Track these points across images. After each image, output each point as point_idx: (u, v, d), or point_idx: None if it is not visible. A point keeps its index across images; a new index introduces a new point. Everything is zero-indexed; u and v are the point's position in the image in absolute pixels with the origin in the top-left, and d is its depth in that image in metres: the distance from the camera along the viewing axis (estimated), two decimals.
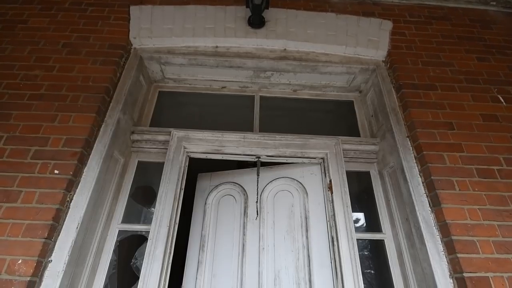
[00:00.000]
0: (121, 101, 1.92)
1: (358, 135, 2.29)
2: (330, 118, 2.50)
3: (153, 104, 2.36)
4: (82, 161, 1.63)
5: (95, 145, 1.71)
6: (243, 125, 2.24)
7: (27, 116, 1.72)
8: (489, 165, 1.70)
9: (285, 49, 2.26)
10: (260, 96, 2.45)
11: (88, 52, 2.02)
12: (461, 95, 1.97)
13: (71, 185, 1.54)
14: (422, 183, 1.69)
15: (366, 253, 2.06)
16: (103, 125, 1.79)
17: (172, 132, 2.02)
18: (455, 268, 1.43)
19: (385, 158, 2.01)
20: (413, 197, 1.65)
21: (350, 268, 1.64)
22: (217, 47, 2.25)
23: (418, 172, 1.73)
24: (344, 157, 2.03)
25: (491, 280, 1.36)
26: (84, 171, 1.62)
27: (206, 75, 2.38)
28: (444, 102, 1.93)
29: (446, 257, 1.48)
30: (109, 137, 1.75)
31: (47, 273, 1.35)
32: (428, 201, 1.64)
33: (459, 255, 1.42)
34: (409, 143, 1.84)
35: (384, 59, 2.25)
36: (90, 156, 1.67)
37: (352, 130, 2.35)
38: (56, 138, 1.64)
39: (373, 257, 2.08)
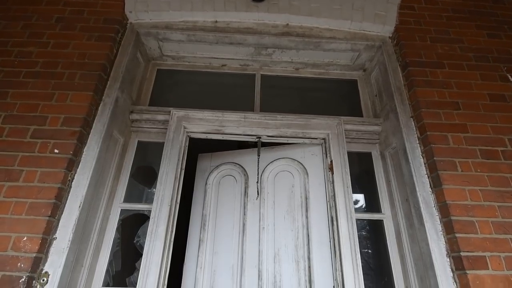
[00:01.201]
0: (118, 79, 1.88)
1: (361, 115, 2.26)
2: (332, 97, 2.45)
3: (152, 82, 2.32)
4: (82, 140, 1.63)
5: (94, 124, 1.71)
6: (243, 105, 2.21)
7: (23, 94, 1.71)
8: (493, 146, 1.68)
9: (287, 24, 2.18)
10: (261, 74, 2.39)
11: (82, 27, 1.96)
12: (469, 73, 1.92)
13: (72, 165, 1.55)
14: (424, 164, 1.69)
15: (364, 233, 2.11)
16: (101, 104, 1.78)
17: (171, 112, 2.00)
18: (453, 248, 1.46)
19: (388, 139, 2.00)
20: (414, 178, 1.66)
21: (349, 247, 1.67)
22: (216, 22, 2.16)
23: (421, 153, 1.72)
24: (346, 137, 2.02)
25: (487, 259, 1.39)
26: (84, 150, 1.63)
27: (205, 52, 2.31)
28: (451, 81, 1.88)
29: (444, 237, 1.51)
30: (108, 116, 1.74)
31: (52, 250, 1.40)
32: (429, 182, 1.64)
33: (457, 234, 1.44)
34: (413, 124, 1.81)
35: (391, 35, 2.17)
36: (90, 136, 1.67)
37: (354, 110, 2.32)
38: (54, 117, 1.63)
39: (372, 237, 2.12)
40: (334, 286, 1.70)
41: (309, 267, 1.80)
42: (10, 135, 1.58)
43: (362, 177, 2.21)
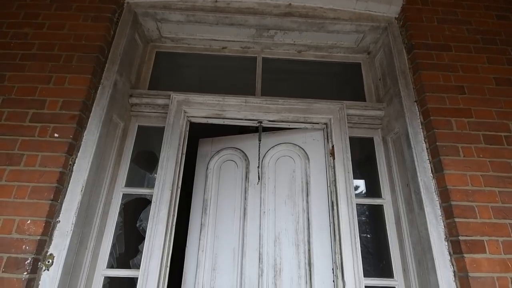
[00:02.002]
0: (116, 61, 1.86)
1: (364, 100, 2.24)
2: (335, 81, 2.42)
3: (151, 65, 2.28)
4: (81, 124, 1.63)
5: (93, 108, 1.70)
6: (244, 89, 2.18)
7: (21, 77, 1.69)
8: (497, 131, 1.67)
9: (290, 4, 2.11)
10: (262, 57, 2.35)
11: (78, 7, 1.91)
12: (476, 56, 1.88)
13: (72, 149, 1.56)
14: (426, 149, 1.69)
15: (363, 218, 2.14)
16: (99, 88, 1.76)
17: (171, 96, 1.99)
18: (451, 232, 1.48)
19: (390, 124, 1.99)
20: (416, 163, 1.66)
21: (348, 231, 1.70)
22: (216, 1, 2.10)
23: (423, 138, 1.71)
24: (348, 122, 2.01)
25: (485, 243, 1.42)
26: (84, 134, 1.63)
27: (205, 33, 2.26)
28: (457, 64, 1.84)
29: (443, 221, 1.53)
30: (107, 100, 1.73)
31: (56, 232, 1.43)
32: (431, 167, 1.65)
33: (456, 219, 1.46)
34: (417, 108, 1.80)
35: (397, 16, 2.11)
36: (89, 120, 1.67)
37: (357, 94, 2.29)
38: (53, 100, 1.63)
39: (371, 222, 2.16)
40: (333, 269, 1.75)
41: (309, 250, 1.85)
42: (9, 119, 1.58)
43: (363, 163, 2.22)
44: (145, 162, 2.12)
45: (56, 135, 1.55)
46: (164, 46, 2.36)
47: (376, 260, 2.03)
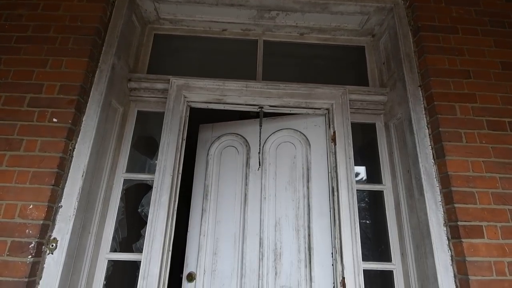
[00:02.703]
0: (114, 44, 1.82)
1: (367, 85, 2.21)
2: (338, 65, 2.38)
3: (149, 48, 2.24)
4: (80, 109, 1.62)
5: (91, 92, 1.68)
6: (245, 73, 2.16)
7: (17, 60, 1.66)
8: (500, 117, 1.67)
9: None
10: (263, 40, 2.30)
11: None
12: (483, 39, 1.84)
13: (72, 134, 1.56)
14: (429, 135, 1.69)
15: (363, 204, 2.17)
16: (97, 71, 1.74)
17: (171, 80, 1.96)
18: (450, 217, 1.50)
19: (393, 109, 1.97)
20: (418, 149, 1.67)
21: (348, 216, 1.73)
22: None
23: (426, 124, 1.71)
24: (350, 108, 1.99)
25: (484, 229, 1.44)
26: (83, 119, 1.62)
27: (205, 15, 2.21)
28: (463, 48, 1.81)
29: (442, 207, 1.55)
30: (105, 84, 1.71)
31: (59, 217, 1.45)
32: (433, 153, 1.65)
33: (456, 205, 1.48)
34: (421, 93, 1.78)
35: None
36: (88, 105, 1.66)
37: (360, 79, 2.26)
38: (50, 84, 1.61)
39: (371, 208, 2.19)
40: (332, 253, 1.79)
41: (309, 235, 1.88)
42: (7, 103, 1.57)
43: (365, 149, 2.22)
44: (145, 147, 2.12)
45: (54, 120, 1.54)
46: (162, 28, 2.31)
47: (375, 245, 2.07)
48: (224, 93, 1.98)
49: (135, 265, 1.78)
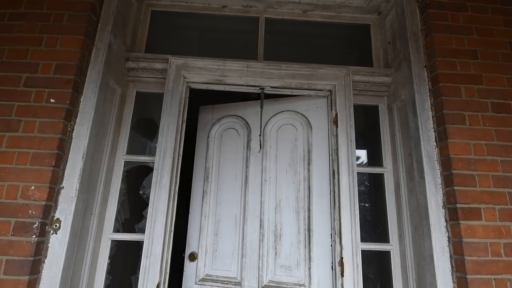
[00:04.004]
0: (109, 21, 1.78)
1: (371, 65, 2.18)
2: (342, 45, 2.34)
3: (147, 26, 2.19)
4: (77, 89, 1.60)
5: (88, 72, 1.66)
6: (246, 52, 2.12)
7: (11, 38, 1.63)
8: (506, 99, 1.66)
9: None
10: (265, 18, 2.24)
11: None
12: (492, 18, 1.80)
13: (70, 115, 1.56)
14: (432, 117, 1.69)
15: (363, 188, 2.20)
16: (93, 50, 1.71)
17: (169, 60, 1.93)
18: (450, 200, 1.53)
19: (397, 91, 1.96)
20: (420, 132, 1.67)
21: (348, 198, 1.77)
22: None
23: (430, 106, 1.71)
24: (353, 89, 1.98)
25: (482, 211, 1.48)
26: (81, 100, 1.61)
27: None
28: (472, 26, 1.77)
29: (442, 190, 1.58)
30: (102, 64, 1.69)
31: (61, 198, 1.48)
32: (435, 136, 1.66)
33: (456, 187, 1.50)
34: (426, 74, 1.76)
35: None
36: (85, 85, 1.64)
37: (364, 59, 2.23)
38: (46, 63, 1.58)
39: (371, 192, 2.23)
40: (331, 234, 1.84)
41: (309, 217, 1.93)
42: (3, 83, 1.55)
43: (366, 132, 2.23)
44: (145, 129, 2.13)
45: (52, 100, 1.53)
46: (159, 5, 2.24)
47: (373, 227, 2.13)
48: (224, 74, 1.96)
49: (138, 245, 1.84)
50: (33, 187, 1.41)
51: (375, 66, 2.18)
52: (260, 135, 2.14)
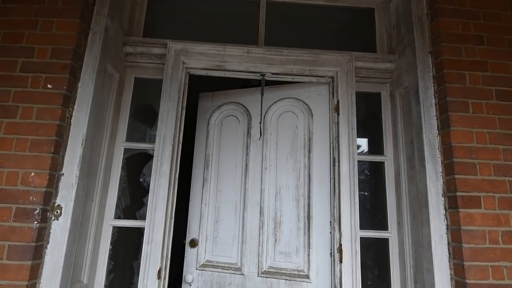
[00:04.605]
0: (106, 3, 1.74)
1: (374, 51, 2.15)
2: (345, 30, 2.29)
3: (144, 9, 2.14)
4: (75, 75, 1.59)
5: (85, 57, 1.64)
6: (246, 37, 2.08)
7: (6, 22, 1.60)
8: (510, 87, 1.65)
9: None
10: (266, 1, 2.19)
11: None
12: (499, 2, 1.76)
13: (68, 101, 1.55)
14: (435, 104, 1.68)
15: (363, 177, 2.22)
16: (90, 34, 1.67)
17: (168, 44, 1.90)
18: (450, 188, 1.54)
19: (400, 78, 1.94)
20: (423, 119, 1.67)
21: (348, 186, 1.78)
22: None
23: (433, 93, 1.69)
24: (355, 76, 1.96)
25: (482, 199, 1.49)
26: (79, 86, 1.60)
27: None
28: (479, 11, 1.73)
29: (442, 178, 1.59)
30: (99, 48, 1.66)
31: (61, 185, 1.49)
32: (437, 123, 1.65)
33: (456, 176, 1.51)
34: (430, 60, 1.74)
35: None
36: (82, 70, 1.62)
37: (368, 45, 2.19)
38: (42, 48, 1.56)
39: (371, 180, 2.24)
40: (331, 222, 1.87)
41: (309, 204, 1.95)
42: None
43: (368, 120, 2.22)
44: (144, 116, 2.12)
45: (49, 86, 1.52)
46: None
47: (372, 215, 2.16)
48: (224, 59, 1.93)
49: (139, 231, 1.87)
50: (33, 174, 1.42)
51: (378, 52, 2.14)
52: (260, 122, 2.13)
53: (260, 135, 2.12)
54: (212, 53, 1.92)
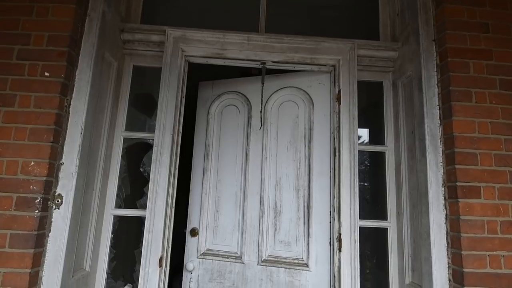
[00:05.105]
0: None
1: (378, 39, 2.12)
2: (348, 16, 2.25)
3: None
4: (72, 62, 1.57)
5: (82, 44, 1.61)
6: (247, 24, 2.04)
7: (0, 8, 1.57)
8: None
9: None
10: None
11: None
12: None
13: (66, 89, 1.53)
14: (438, 94, 1.66)
15: (362, 167, 2.22)
16: (87, 20, 1.65)
17: (167, 31, 1.87)
18: (450, 178, 1.55)
19: (403, 67, 1.92)
20: (425, 109, 1.66)
21: (348, 176, 1.79)
22: None
23: (436, 82, 1.68)
24: (357, 64, 1.93)
25: (481, 189, 1.50)
26: (77, 74, 1.58)
27: None
28: None
29: (443, 168, 1.59)
30: (96, 35, 1.63)
31: (61, 174, 1.49)
32: (440, 113, 1.65)
33: (457, 166, 1.51)
34: (434, 48, 1.71)
35: None
36: (80, 58, 1.60)
37: (371, 32, 2.16)
38: (38, 35, 1.54)
39: (370, 171, 2.25)
40: (330, 211, 1.89)
41: (309, 194, 1.97)
42: None
43: (369, 110, 2.21)
44: (144, 105, 2.11)
45: (46, 74, 1.50)
46: None
47: (372, 206, 2.18)
48: (224, 47, 1.90)
49: (140, 220, 1.89)
50: (32, 163, 1.43)
51: (381, 40, 2.11)
52: (261, 112, 2.13)
53: (261, 124, 2.12)
54: (211, 40, 1.90)
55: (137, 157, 2.10)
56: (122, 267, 1.94)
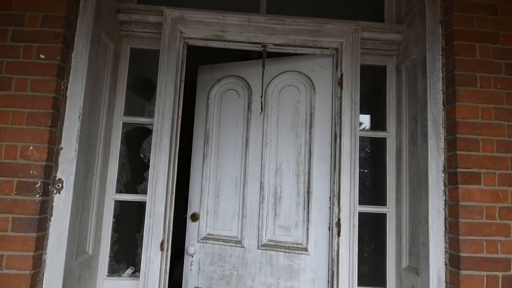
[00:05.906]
0: None
1: (382, 21, 2.07)
2: None
3: None
4: (68, 44, 1.54)
5: (77, 25, 1.58)
6: (247, 5, 1.99)
7: None
8: None
9: None
10: None
11: None
12: None
13: (62, 72, 1.51)
14: (442, 78, 1.65)
15: (363, 154, 2.23)
16: (81, 0, 1.61)
17: (164, 12, 1.83)
18: (450, 164, 1.56)
19: (407, 50, 1.89)
20: (428, 94, 1.65)
21: (349, 162, 1.80)
22: None
23: (441, 67, 1.65)
24: (361, 47, 1.90)
25: (482, 175, 1.51)
26: (73, 56, 1.56)
27: None
28: None
29: (444, 154, 1.60)
30: (92, 15, 1.59)
31: (61, 159, 1.50)
32: (443, 98, 1.64)
33: (458, 152, 1.52)
34: (440, 31, 1.68)
35: None
36: (75, 39, 1.57)
37: (375, 14, 2.11)
38: (32, 15, 1.50)
39: (371, 157, 2.26)
40: (330, 197, 1.91)
41: (309, 180, 1.98)
42: None
43: (371, 94, 2.20)
44: (142, 89, 2.09)
45: (42, 56, 1.48)
46: None
47: (372, 192, 2.21)
48: (224, 29, 1.87)
49: (141, 205, 1.92)
50: (31, 148, 1.43)
51: (386, 22, 2.07)
52: (261, 96, 2.11)
53: (261, 109, 2.11)
54: (211, 21, 1.86)
55: (136, 143, 2.11)
56: (124, 250, 1.99)
